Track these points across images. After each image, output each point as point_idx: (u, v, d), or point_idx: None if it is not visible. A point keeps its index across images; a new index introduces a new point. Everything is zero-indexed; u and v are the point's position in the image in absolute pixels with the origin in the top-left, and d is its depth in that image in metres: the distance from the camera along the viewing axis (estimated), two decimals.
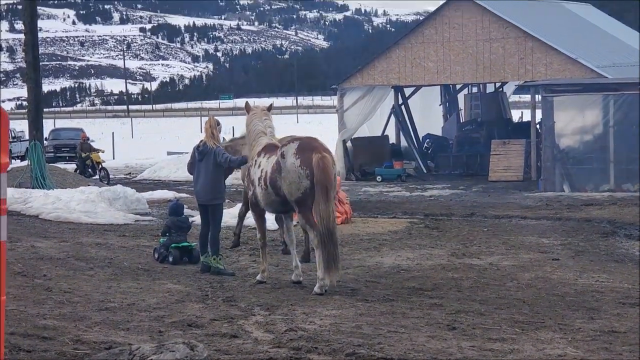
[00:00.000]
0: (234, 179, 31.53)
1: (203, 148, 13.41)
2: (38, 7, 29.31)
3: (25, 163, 29.49)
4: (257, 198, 12.42)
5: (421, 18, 43.87)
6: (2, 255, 5.74)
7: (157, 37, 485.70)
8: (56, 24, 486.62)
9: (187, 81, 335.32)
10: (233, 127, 54.87)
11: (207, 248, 13.60)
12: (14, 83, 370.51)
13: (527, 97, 51.71)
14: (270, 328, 9.45)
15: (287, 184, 11.76)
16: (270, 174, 11.98)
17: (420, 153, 35.01)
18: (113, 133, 56.82)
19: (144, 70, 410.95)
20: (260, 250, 12.75)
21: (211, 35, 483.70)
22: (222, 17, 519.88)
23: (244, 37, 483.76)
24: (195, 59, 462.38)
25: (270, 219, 14.20)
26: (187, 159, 14.10)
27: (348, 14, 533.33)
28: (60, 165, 35.92)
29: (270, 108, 13.13)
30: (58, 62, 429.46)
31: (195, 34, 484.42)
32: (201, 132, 16.13)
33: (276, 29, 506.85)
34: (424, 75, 33.53)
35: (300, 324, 9.63)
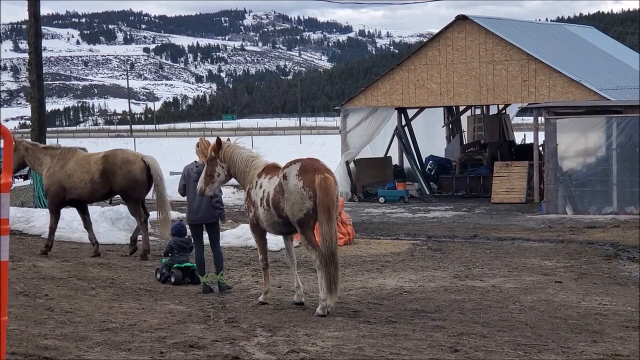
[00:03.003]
0: (237, 199, 31.60)
1: (200, 168, 13.46)
2: (42, 27, 29.43)
3: (28, 182, 29.49)
4: (258, 219, 12.38)
5: (425, 40, 43.94)
6: (4, 275, 5.73)
7: (161, 57, 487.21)
8: (60, 44, 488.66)
9: (190, 101, 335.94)
10: None
11: (204, 269, 13.62)
12: (18, 102, 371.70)
13: (530, 119, 51.74)
14: (272, 349, 9.42)
15: (289, 205, 11.74)
16: (273, 195, 11.95)
17: (423, 174, 34.97)
18: None
19: (148, 90, 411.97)
20: (263, 272, 12.71)
21: (215, 56, 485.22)
22: (226, 38, 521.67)
23: (248, 58, 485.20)
24: (198, 79, 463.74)
25: (271, 239, 14.18)
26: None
27: (352, 35, 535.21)
28: None
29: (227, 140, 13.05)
30: (62, 82, 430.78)
31: (199, 54, 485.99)
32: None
33: (280, 50, 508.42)
34: (427, 97, 33.54)
35: (302, 346, 9.60)
